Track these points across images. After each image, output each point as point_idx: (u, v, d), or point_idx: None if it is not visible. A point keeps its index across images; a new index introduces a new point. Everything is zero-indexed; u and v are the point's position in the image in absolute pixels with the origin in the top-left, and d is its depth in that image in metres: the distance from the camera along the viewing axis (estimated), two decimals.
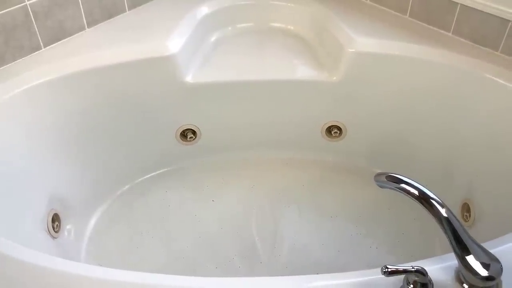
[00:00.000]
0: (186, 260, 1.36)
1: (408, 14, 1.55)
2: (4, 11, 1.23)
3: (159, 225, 1.45)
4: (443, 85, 1.37)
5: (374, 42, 1.42)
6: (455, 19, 1.42)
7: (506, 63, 1.32)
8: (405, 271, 0.68)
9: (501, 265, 0.69)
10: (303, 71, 1.49)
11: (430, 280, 0.71)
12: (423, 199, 0.71)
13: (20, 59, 1.32)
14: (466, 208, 1.33)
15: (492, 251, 0.72)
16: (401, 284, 0.73)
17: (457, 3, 1.39)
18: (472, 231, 1.25)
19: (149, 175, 1.60)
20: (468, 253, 0.69)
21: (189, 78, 1.45)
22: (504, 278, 0.70)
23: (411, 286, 0.71)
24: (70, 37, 1.43)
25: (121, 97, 1.41)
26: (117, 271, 0.80)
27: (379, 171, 1.58)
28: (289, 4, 1.72)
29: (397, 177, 0.74)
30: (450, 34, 1.45)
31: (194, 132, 1.59)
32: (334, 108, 1.54)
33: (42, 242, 1.18)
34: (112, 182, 1.53)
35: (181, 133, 1.58)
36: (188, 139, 1.59)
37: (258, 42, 1.65)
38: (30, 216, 1.18)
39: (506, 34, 1.31)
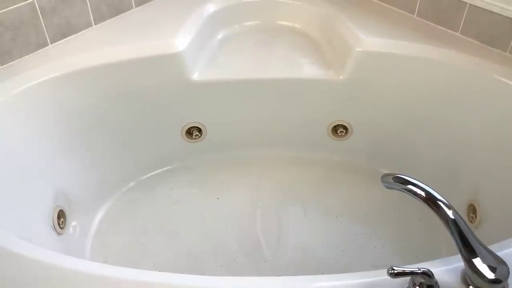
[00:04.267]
0: (191, 258, 1.36)
1: (416, 13, 1.54)
2: (12, 7, 1.24)
3: (164, 222, 1.45)
4: (450, 85, 1.37)
5: (381, 42, 1.42)
6: (463, 19, 1.41)
7: None
8: (411, 273, 0.67)
9: (508, 268, 0.69)
10: (309, 70, 1.49)
11: (436, 282, 0.71)
12: (430, 200, 0.71)
13: (27, 56, 1.32)
14: (472, 209, 1.32)
15: (499, 253, 0.72)
16: (407, 285, 0.73)
17: (466, 2, 1.38)
18: (478, 232, 1.25)
19: (154, 173, 1.60)
20: (475, 256, 0.69)
21: (195, 76, 1.45)
22: (511, 281, 0.69)
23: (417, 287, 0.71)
24: (77, 33, 1.43)
25: (127, 94, 1.41)
26: (122, 269, 0.80)
27: (384, 171, 1.59)
28: (296, 3, 1.71)
29: (404, 178, 0.73)
30: (458, 34, 1.45)
31: (199, 130, 1.59)
32: (340, 107, 1.54)
33: (47, 239, 1.18)
34: (117, 179, 1.53)
35: (186, 130, 1.58)
36: (193, 136, 1.59)
37: (264, 40, 1.64)
38: (36, 212, 1.18)
39: None
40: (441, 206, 0.70)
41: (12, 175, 1.14)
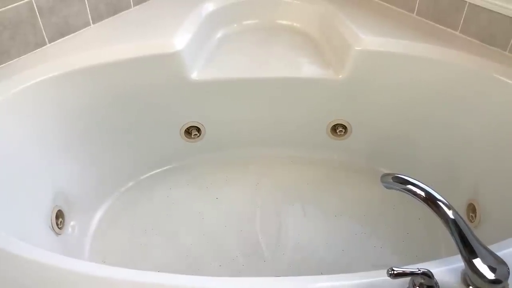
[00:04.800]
0: (190, 258, 1.35)
1: (415, 12, 1.54)
2: (10, 6, 1.23)
3: (163, 222, 1.45)
4: (450, 84, 1.36)
5: (380, 41, 1.41)
6: (463, 17, 1.41)
7: None
8: (411, 274, 0.67)
9: (508, 268, 0.69)
10: (308, 69, 1.48)
11: (436, 283, 0.70)
12: (430, 200, 0.70)
13: (25, 55, 1.32)
14: (471, 209, 1.32)
15: (499, 253, 0.72)
16: (407, 286, 0.73)
17: (465, 1, 1.37)
18: (478, 232, 1.25)
19: (153, 172, 1.60)
20: (475, 256, 0.68)
21: (194, 75, 1.45)
22: (511, 281, 0.69)
23: None
24: (75, 33, 1.43)
25: (126, 93, 1.41)
26: (120, 269, 0.80)
27: (384, 170, 1.59)
28: (295, 2, 1.71)
29: (404, 178, 0.73)
30: (457, 33, 1.44)
31: (198, 129, 1.58)
32: (339, 107, 1.53)
33: (45, 239, 1.18)
34: (116, 179, 1.52)
35: (185, 130, 1.57)
36: (192, 136, 1.59)
37: (263, 40, 1.64)
38: (34, 212, 1.18)
39: None
40: (440, 206, 0.70)
41: (10, 175, 1.13)
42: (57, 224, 1.24)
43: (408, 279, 0.73)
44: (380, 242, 1.39)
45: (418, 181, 0.73)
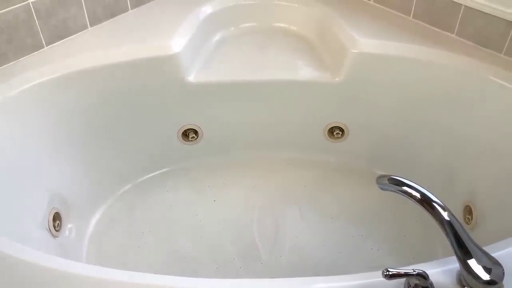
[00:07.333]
0: (187, 260, 1.35)
1: (411, 15, 1.54)
2: (7, 9, 1.23)
3: (160, 225, 1.45)
4: (445, 86, 1.37)
5: (377, 43, 1.42)
6: (459, 20, 1.41)
7: (510, 65, 1.31)
8: (406, 275, 0.67)
9: (503, 269, 0.69)
10: (305, 72, 1.49)
11: (431, 284, 0.71)
12: (425, 202, 0.71)
13: (23, 58, 1.32)
14: (468, 211, 1.32)
15: (494, 254, 0.72)
16: (402, 287, 0.73)
17: (461, 4, 1.38)
18: (474, 234, 1.25)
19: (150, 175, 1.60)
20: (470, 257, 0.69)
21: (191, 78, 1.45)
22: (506, 282, 0.69)
23: None
24: (73, 36, 1.43)
25: (123, 96, 1.41)
26: (118, 271, 0.80)
27: (380, 172, 1.59)
28: (292, 5, 1.71)
29: (399, 180, 0.74)
30: (453, 35, 1.45)
31: (196, 132, 1.58)
32: (336, 109, 1.54)
33: (42, 241, 1.18)
34: (113, 182, 1.52)
35: (183, 132, 1.57)
36: (190, 139, 1.59)
37: (261, 42, 1.64)
38: (31, 215, 1.18)
39: (510, 36, 1.31)
40: (435, 207, 0.70)
41: (8, 177, 1.13)
42: (54, 227, 1.24)
43: (403, 280, 0.73)
44: (377, 244, 1.39)
45: (414, 182, 0.73)
